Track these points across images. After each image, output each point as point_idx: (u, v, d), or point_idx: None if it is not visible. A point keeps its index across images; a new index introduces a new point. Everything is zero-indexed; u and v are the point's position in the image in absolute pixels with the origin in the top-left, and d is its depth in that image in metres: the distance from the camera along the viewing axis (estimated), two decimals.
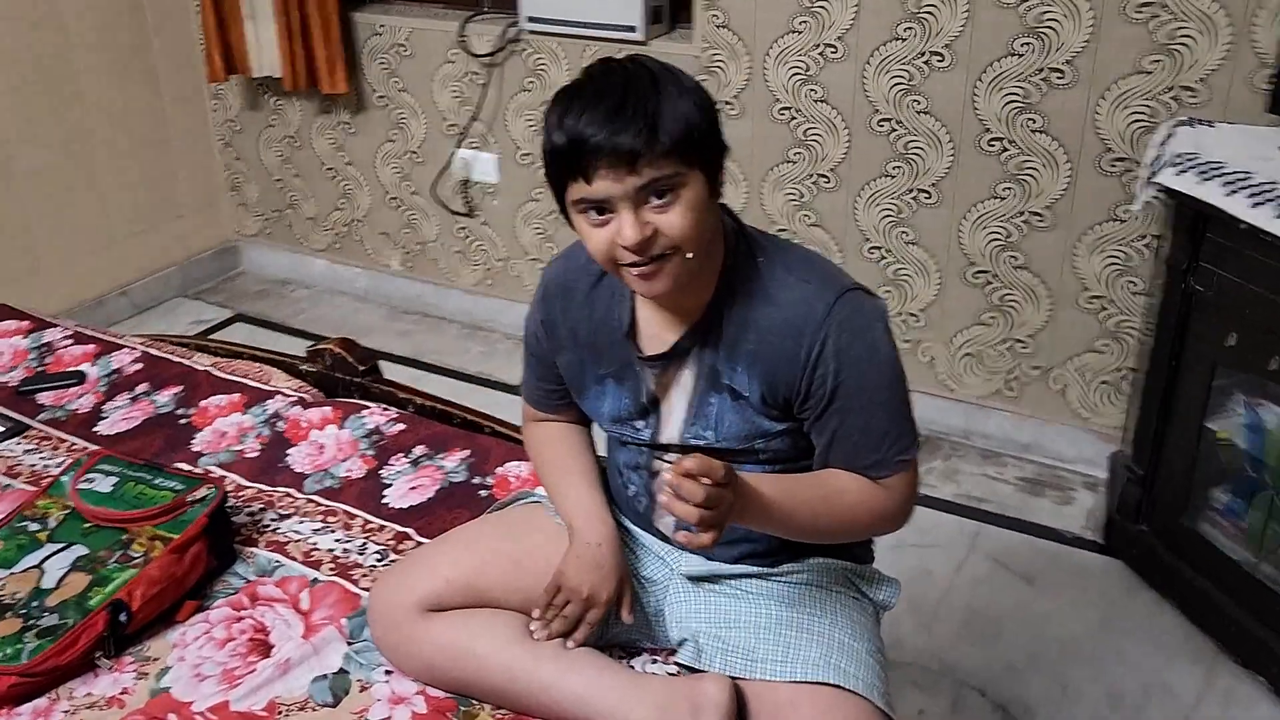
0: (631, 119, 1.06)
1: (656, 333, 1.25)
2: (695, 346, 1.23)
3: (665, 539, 1.35)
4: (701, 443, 1.24)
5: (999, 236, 2.50)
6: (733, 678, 1.24)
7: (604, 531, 1.29)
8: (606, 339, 1.28)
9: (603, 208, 1.10)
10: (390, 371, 3.15)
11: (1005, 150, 2.42)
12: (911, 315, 2.69)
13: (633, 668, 1.31)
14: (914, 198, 2.56)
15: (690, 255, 1.11)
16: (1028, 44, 2.31)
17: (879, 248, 2.66)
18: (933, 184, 2.53)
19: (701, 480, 1.03)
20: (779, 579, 1.31)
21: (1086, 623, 2.15)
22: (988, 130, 2.42)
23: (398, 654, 1.31)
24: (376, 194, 3.45)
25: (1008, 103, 2.37)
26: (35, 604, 1.38)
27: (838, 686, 1.19)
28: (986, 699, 1.99)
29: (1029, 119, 2.37)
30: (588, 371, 1.31)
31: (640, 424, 1.29)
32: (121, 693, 1.32)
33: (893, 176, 2.57)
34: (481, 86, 3.06)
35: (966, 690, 2.01)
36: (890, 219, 2.61)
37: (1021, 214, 2.46)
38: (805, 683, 1.20)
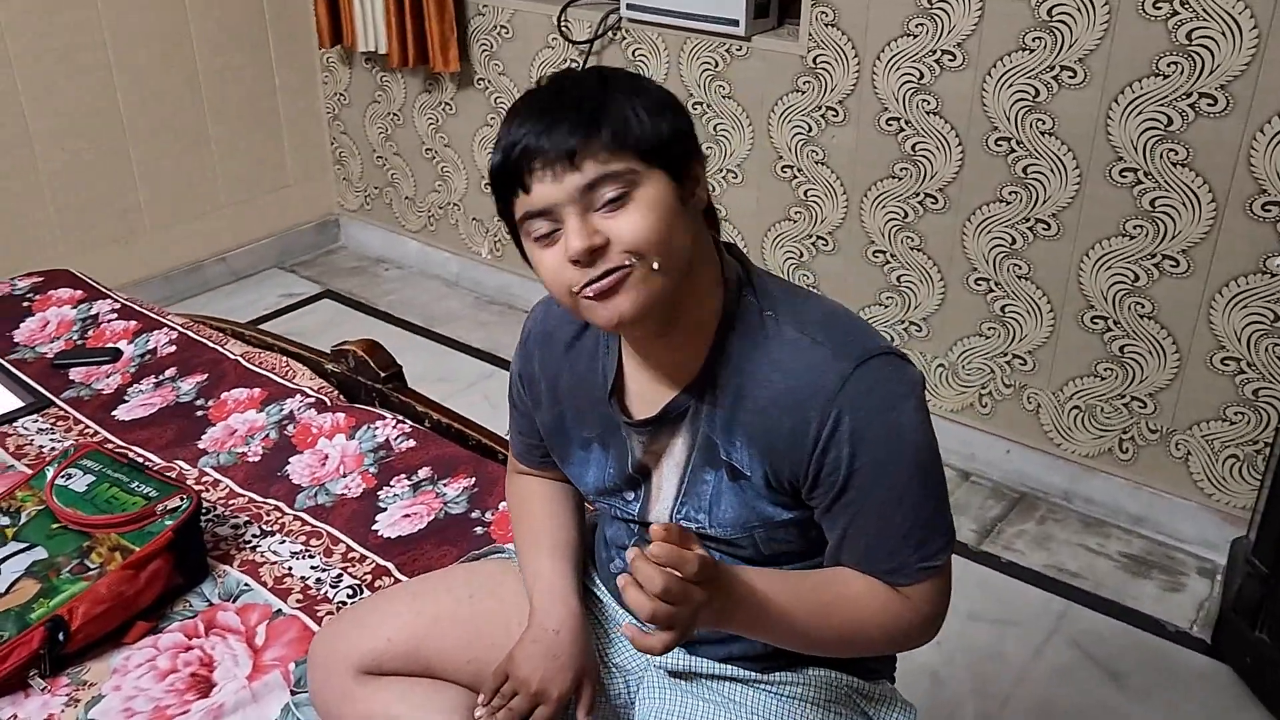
0: (568, 113, 0.91)
1: (644, 393, 1.06)
2: (688, 412, 1.03)
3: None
4: (693, 526, 1.05)
5: (1125, 279, 2.20)
6: None
7: (564, 616, 1.12)
8: (588, 398, 1.10)
9: (549, 219, 0.92)
10: (461, 363, 3.10)
11: (1139, 184, 2.12)
12: (1017, 357, 2.41)
13: None
14: (1030, 228, 2.28)
15: (657, 267, 0.92)
16: (1175, 64, 2.00)
17: (986, 279, 2.39)
18: (1051, 214, 2.24)
19: (667, 570, 0.83)
20: (769, 688, 1.11)
21: None
22: (1120, 159, 2.12)
23: (329, 715, 1.17)
24: (472, 178, 3.36)
25: (1145, 129, 2.07)
26: None
27: None
28: None
29: (1169, 149, 2.06)
30: (570, 433, 1.13)
31: (629, 496, 1.11)
32: (47, 718, 1.23)
33: (1008, 203, 2.29)
34: None
35: None
36: (1001, 249, 2.34)
37: (1153, 256, 2.15)
38: None
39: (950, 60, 2.26)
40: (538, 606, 1.13)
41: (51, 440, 1.75)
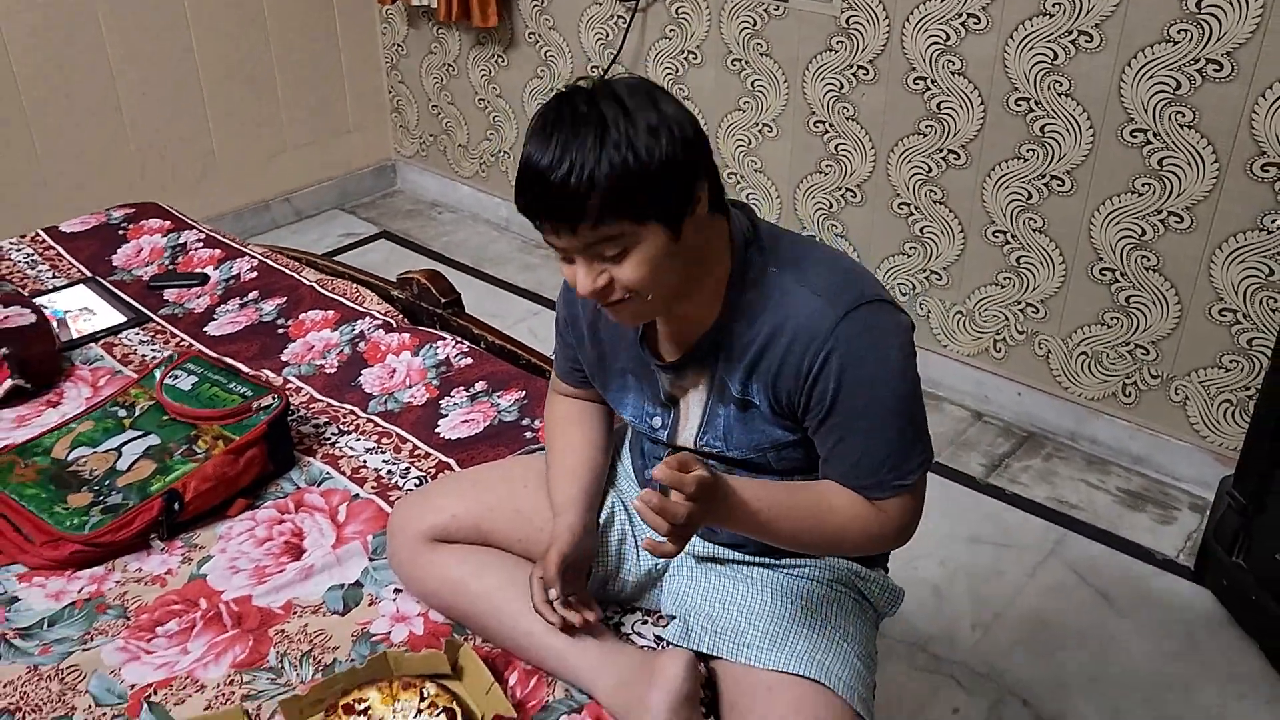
0: (565, 179, 1.00)
1: (670, 339, 1.24)
2: (704, 359, 1.21)
3: None
4: (714, 449, 1.24)
5: (1132, 234, 2.35)
6: (716, 657, 1.25)
7: (568, 524, 1.30)
8: (623, 341, 1.28)
9: (562, 250, 1.09)
10: (508, 302, 3.30)
11: (1149, 144, 2.26)
12: (1030, 306, 2.57)
13: (620, 626, 1.35)
14: (1045, 184, 2.43)
15: (651, 298, 1.09)
16: (1185, 30, 2.14)
17: (1004, 231, 2.54)
18: (1066, 171, 2.39)
19: (672, 492, 1.02)
20: (783, 569, 1.31)
21: (1158, 650, 2.04)
22: (1131, 120, 2.26)
23: (405, 575, 1.39)
24: (522, 128, 3.54)
25: (1155, 92, 2.21)
26: (107, 483, 1.54)
27: (818, 682, 1.19)
28: (1029, 709, 1.93)
29: (1177, 112, 2.19)
30: (609, 368, 1.32)
31: (658, 422, 1.29)
32: (166, 572, 1.46)
33: (1025, 160, 2.44)
34: (624, 31, 3.08)
35: (1010, 698, 1.95)
36: (1018, 203, 2.49)
37: (1159, 212, 2.30)
38: (787, 673, 1.20)
39: (975, 24, 2.40)
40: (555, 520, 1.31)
41: (153, 350, 1.98)
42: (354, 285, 2.15)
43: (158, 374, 1.72)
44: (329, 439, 1.72)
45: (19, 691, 1.27)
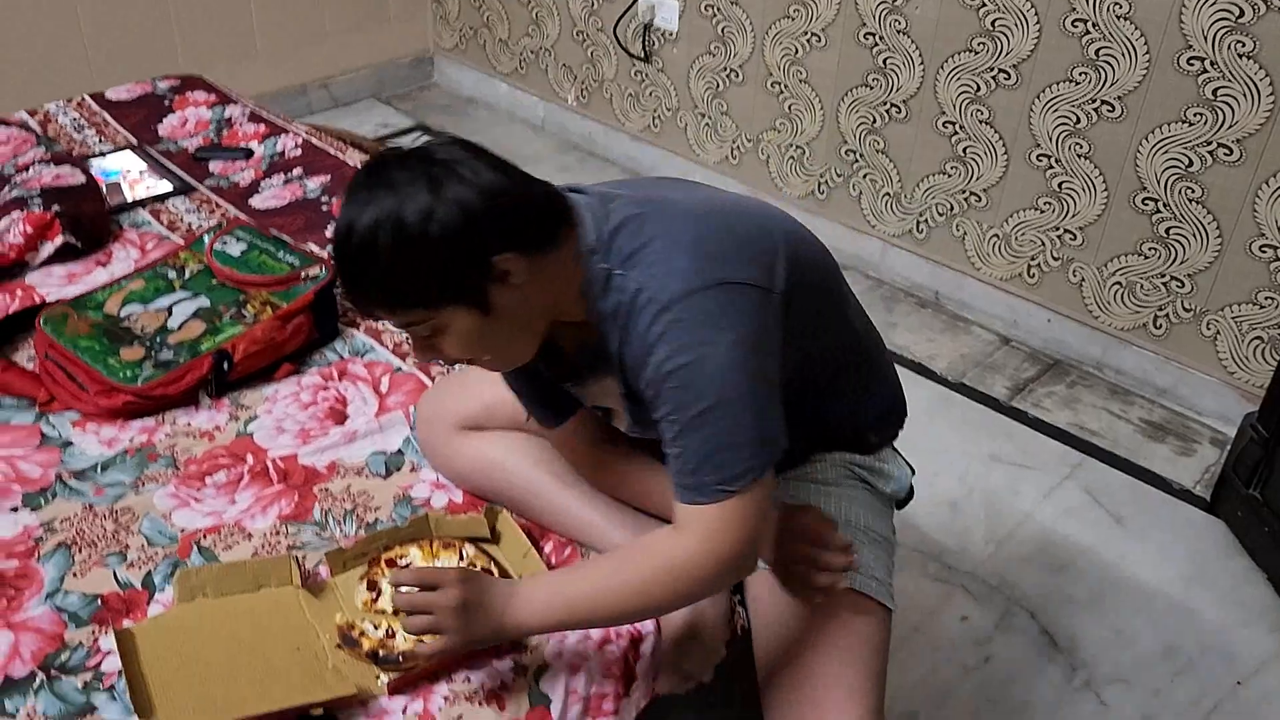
0: (348, 280, 1.02)
1: (570, 357, 1.20)
2: (596, 369, 1.17)
3: None
4: (649, 436, 1.19)
5: (1179, 164, 2.33)
6: None
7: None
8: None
9: None
10: None
11: (1205, 72, 2.22)
12: (1068, 232, 2.56)
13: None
14: (1095, 109, 2.40)
15: (489, 358, 1.10)
16: None
17: (1048, 155, 2.52)
18: (1117, 97, 2.36)
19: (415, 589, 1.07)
20: (793, 481, 1.31)
21: (1165, 574, 2.08)
22: (1190, 47, 2.22)
23: (436, 461, 1.42)
24: (564, 25, 3.50)
25: (1217, 20, 2.17)
26: (159, 339, 1.57)
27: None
28: (1035, 622, 1.98)
29: (1238, 41, 2.16)
30: (551, 390, 1.27)
31: (605, 419, 1.28)
32: (214, 428, 1.50)
33: (1077, 83, 2.41)
34: None
35: (1017, 610, 2.00)
36: (1065, 128, 2.47)
37: (1208, 143, 2.27)
38: None
39: None
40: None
41: (199, 219, 2.00)
42: None
43: (207, 239, 1.75)
44: None
45: (75, 527, 1.33)
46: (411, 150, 1.03)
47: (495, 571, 1.26)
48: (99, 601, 1.24)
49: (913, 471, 1.46)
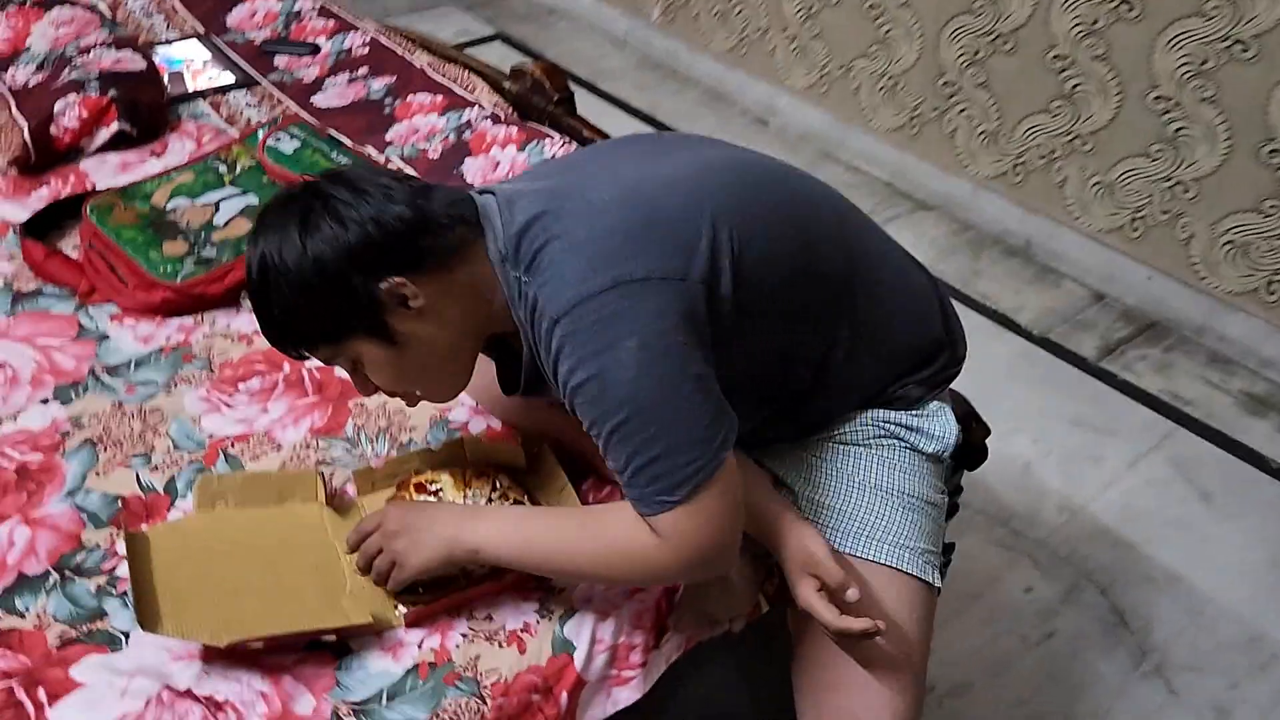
0: (260, 321, 1.04)
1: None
2: (532, 382, 1.09)
3: None
4: None
5: None
6: None
7: None
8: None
9: None
10: (621, 121, 3.18)
11: None
12: (1180, 184, 2.36)
13: None
14: (1227, 48, 2.19)
15: (420, 392, 1.09)
16: None
17: (1167, 98, 2.32)
18: (1253, 35, 2.14)
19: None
20: (817, 442, 1.20)
21: (1253, 558, 1.93)
22: None
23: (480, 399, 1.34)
24: None
25: None
26: (203, 235, 1.51)
27: (877, 562, 1.13)
28: (1105, 599, 1.86)
29: None
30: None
31: None
32: (254, 332, 1.44)
33: (1209, 18, 2.19)
34: None
35: (1087, 584, 1.88)
36: (1189, 68, 2.26)
37: None
38: (843, 553, 1.13)
39: None
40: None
41: (258, 113, 1.93)
42: (466, 72, 2.06)
43: (261, 134, 1.67)
44: None
45: (103, 424, 1.28)
46: (299, 186, 1.03)
47: (528, 504, 1.18)
48: (120, 503, 1.19)
49: (987, 431, 1.34)
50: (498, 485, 1.21)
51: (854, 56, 2.92)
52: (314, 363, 1.37)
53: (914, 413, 1.19)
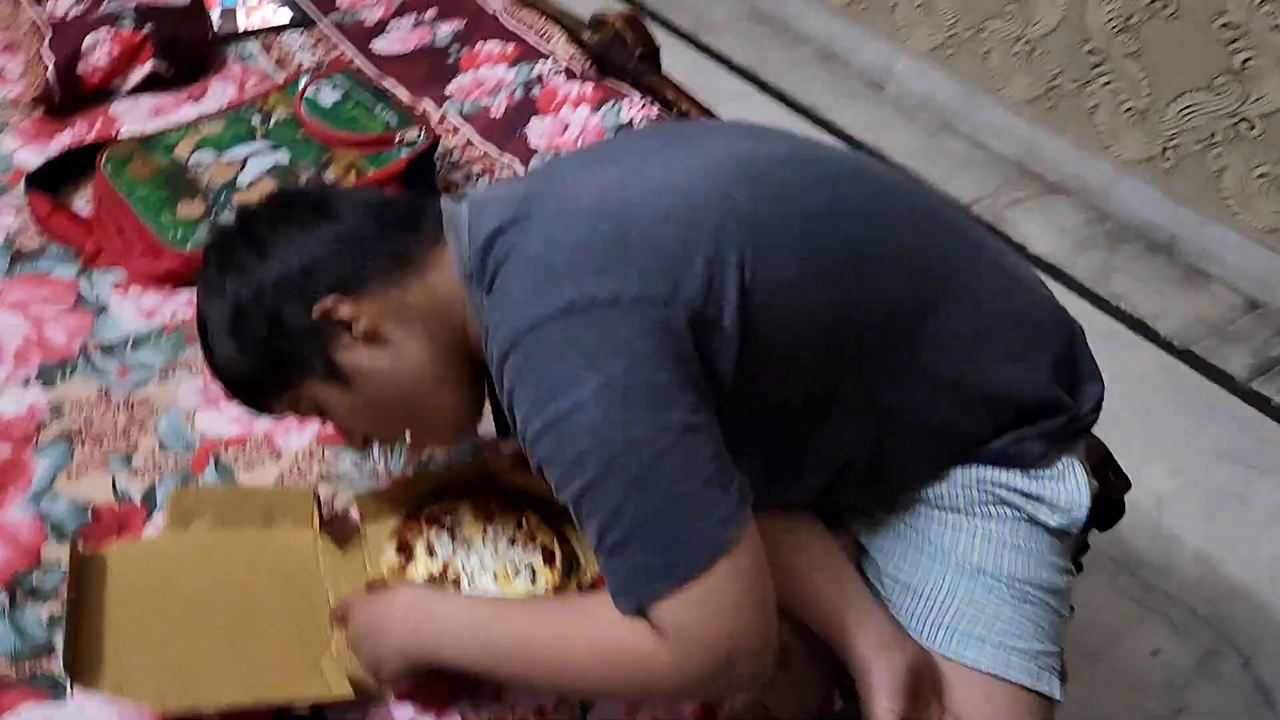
0: (218, 381, 0.92)
1: None
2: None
3: None
4: None
5: None
6: None
7: None
8: None
9: None
10: (721, 78, 2.92)
11: None
12: (1246, 122, 2.00)
13: None
14: None
15: (409, 438, 0.92)
16: None
17: (1234, 26, 1.94)
18: None
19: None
20: (909, 512, 0.95)
21: None
22: None
23: None
24: None
25: None
26: (222, 197, 1.33)
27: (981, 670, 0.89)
28: (1248, 672, 1.58)
29: None
30: None
31: None
32: None
33: None
34: None
35: (1227, 651, 1.60)
36: None
37: None
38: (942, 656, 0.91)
39: None
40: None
41: (313, 58, 1.74)
42: (543, 18, 1.83)
43: (301, 82, 1.48)
44: None
45: (84, 415, 1.12)
46: (233, 223, 0.90)
47: (557, 551, 0.98)
48: (89, 514, 1.02)
49: (1127, 484, 1.08)
50: (524, 523, 1.01)
51: (986, 16, 2.60)
52: None
53: (1034, 474, 0.93)
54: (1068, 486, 0.92)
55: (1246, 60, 2.12)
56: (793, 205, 0.82)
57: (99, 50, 1.58)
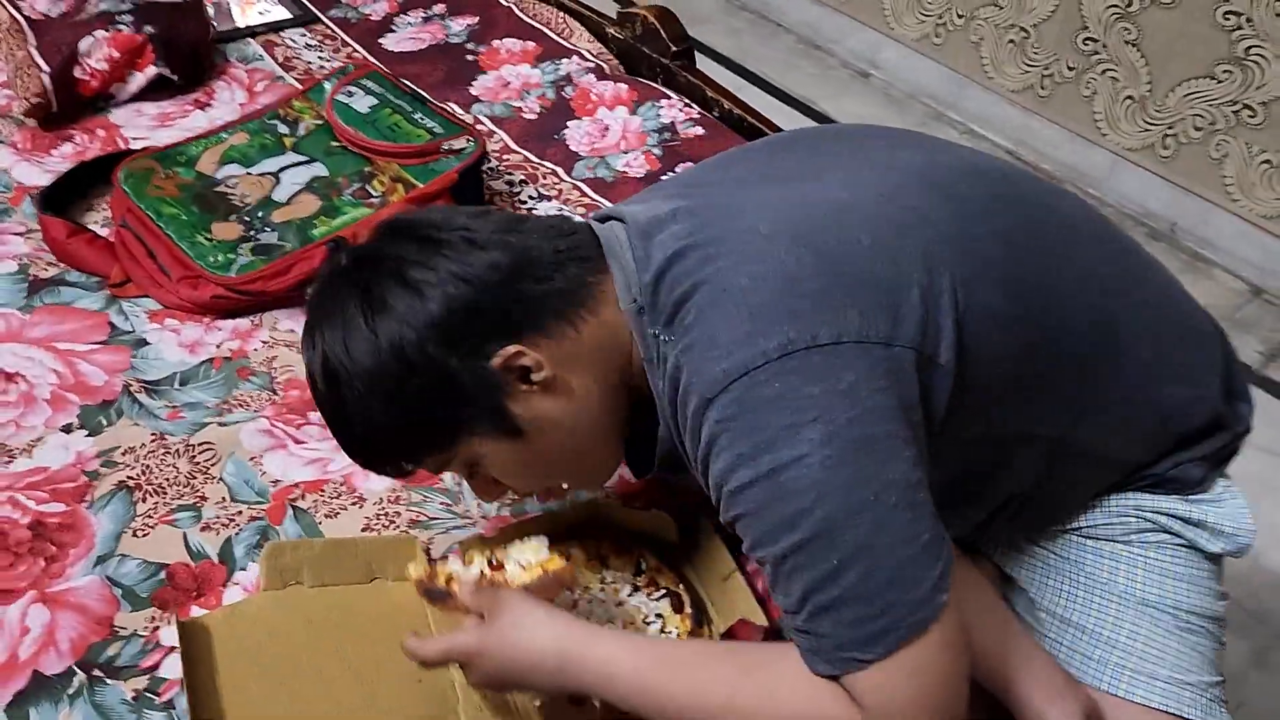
0: (342, 440, 0.81)
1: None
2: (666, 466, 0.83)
3: None
4: None
5: None
6: None
7: None
8: None
9: None
10: (706, 70, 2.85)
11: None
12: (1249, 109, 2.01)
13: None
14: None
15: (567, 485, 0.88)
16: None
17: (1238, 13, 1.96)
18: None
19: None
20: (1068, 537, 0.91)
21: None
22: None
23: None
24: None
25: None
26: (260, 215, 1.23)
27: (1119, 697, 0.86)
28: None
29: None
30: None
31: None
32: None
33: None
34: None
35: (1278, 645, 1.61)
36: None
37: None
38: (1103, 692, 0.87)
39: None
40: None
41: (320, 57, 1.64)
42: (560, 14, 1.75)
43: (329, 86, 1.38)
44: (525, 202, 1.38)
45: (141, 464, 1.02)
46: (344, 256, 0.78)
47: (684, 597, 0.91)
48: (164, 575, 0.93)
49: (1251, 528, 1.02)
50: (642, 566, 0.94)
51: (978, 4, 2.58)
52: None
53: (1192, 498, 0.90)
54: (1228, 510, 0.89)
55: (1249, 49, 2.13)
56: (987, 224, 0.77)
57: (96, 53, 1.45)
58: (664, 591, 0.92)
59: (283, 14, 1.72)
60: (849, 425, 0.66)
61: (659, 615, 0.90)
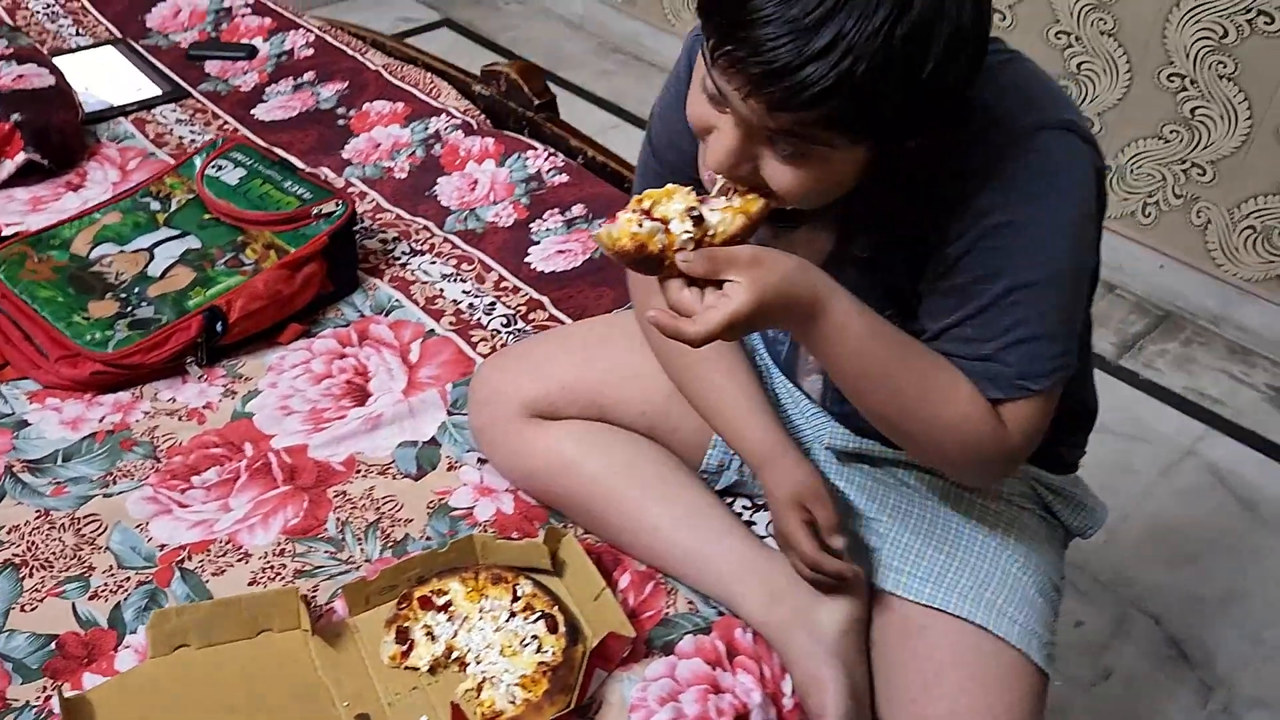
0: (807, 55, 0.66)
1: None
2: (830, 217, 0.90)
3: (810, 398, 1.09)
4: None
5: None
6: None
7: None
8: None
9: (719, 99, 0.76)
10: (581, 113, 2.95)
11: None
12: (1196, 167, 2.21)
13: (753, 526, 1.10)
14: (1249, 20, 2.03)
15: (790, 206, 0.80)
16: None
17: (1181, 75, 2.16)
18: (1279, 8, 1.99)
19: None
20: (942, 476, 1.03)
21: None
22: None
23: (495, 453, 1.12)
24: None
25: None
26: (136, 290, 1.28)
27: (985, 629, 0.95)
28: (1160, 628, 1.71)
29: None
30: None
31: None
32: (205, 406, 1.21)
33: None
34: None
35: (1137, 613, 1.73)
36: (1208, 43, 2.10)
37: None
38: (947, 613, 0.97)
39: None
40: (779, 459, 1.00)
41: (191, 131, 1.68)
42: (427, 75, 1.82)
43: (198, 161, 1.43)
44: (399, 258, 1.44)
45: (26, 540, 1.05)
46: None
47: (559, 617, 0.98)
48: (54, 646, 0.96)
49: (1104, 512, 1.13)
50: (518, 593, 1.01)
51: None
52: (282, 441, 1.15)
53: (1066, 479, 1.05)
54: (1091, 493, 1.05)
55: (1081, 64, 2.30)
56: None
57: None
58: (539, 614, 0.98)
59: (152, 90, 1.76)
60: (1084, 204, 0.81)
61: (535, 636, 0.97)
